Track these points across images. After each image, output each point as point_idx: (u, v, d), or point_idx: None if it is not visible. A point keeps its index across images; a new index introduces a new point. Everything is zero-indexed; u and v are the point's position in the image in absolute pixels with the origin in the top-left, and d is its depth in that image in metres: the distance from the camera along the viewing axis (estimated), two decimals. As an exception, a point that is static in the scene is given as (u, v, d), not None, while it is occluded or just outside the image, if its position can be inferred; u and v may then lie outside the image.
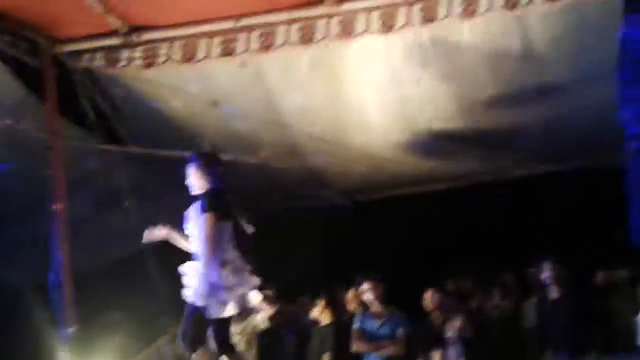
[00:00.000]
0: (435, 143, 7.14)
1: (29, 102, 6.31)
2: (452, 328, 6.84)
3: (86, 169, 6.96)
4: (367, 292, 6.92)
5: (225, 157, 6.84)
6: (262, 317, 7.17)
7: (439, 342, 6.90)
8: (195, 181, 5.15)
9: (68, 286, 5.92)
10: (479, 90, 6.42)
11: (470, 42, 5.98)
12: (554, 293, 6.75)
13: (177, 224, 5.22)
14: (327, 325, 7.12)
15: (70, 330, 5.83)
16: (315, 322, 7.24)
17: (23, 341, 7.01)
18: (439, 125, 6.87)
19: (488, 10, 5.67)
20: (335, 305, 7.34)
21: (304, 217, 8.71)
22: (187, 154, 6.50)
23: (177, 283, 5.05)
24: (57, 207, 6.02)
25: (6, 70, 6.02)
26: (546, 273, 6.75)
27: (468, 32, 5.88)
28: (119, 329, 7.28)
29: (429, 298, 7.10)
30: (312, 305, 7.32)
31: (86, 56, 6.27)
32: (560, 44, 5.96)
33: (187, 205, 6.98)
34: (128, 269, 7.62)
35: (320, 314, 7.19)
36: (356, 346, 6.83)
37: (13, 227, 6.74)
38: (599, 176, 7.37)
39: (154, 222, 5.30)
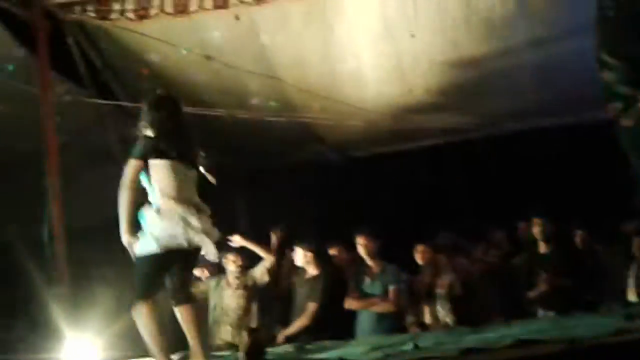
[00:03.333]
0: (429, 97, 7.13)
1: (20, 55, 6.26)
2: (442, 285, 6.87)
3: (77, 124, 6.91)
4: (361, 247, 6.93)
5: (218, 112, 6.94)
6: (260, 271, 7.18)
7: (429, 298, 6.93)
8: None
9: (60, 241, 5.91)
10: (472, 44, 6.39)
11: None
12: (543, 248, 6.80)
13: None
14: (315, 277, 7.15)
15: (61, 285, 5.83)
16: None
17: (15, 295, 7.02)
18: (433, 79, 6.86)
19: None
20: (325, 259, 7.36)
21: (297, 171, 8.72)
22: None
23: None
24: (49, 161, 5.99)
25: (-3, 23, 5.97)
26: (536, 228, 6.78)
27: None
28: (109, 287, 7.27)
29: (420, 253, 7.11)
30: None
31: (78, 8, 6.20)
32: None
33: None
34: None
35: (307, 264, 7.21)
36: (348, 303, 6.85)
37: (6, 182, 6.71)
38: (586, 131, 7.36)
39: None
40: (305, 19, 6.25)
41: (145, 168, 4.89)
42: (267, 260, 7.10)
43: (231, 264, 7.16)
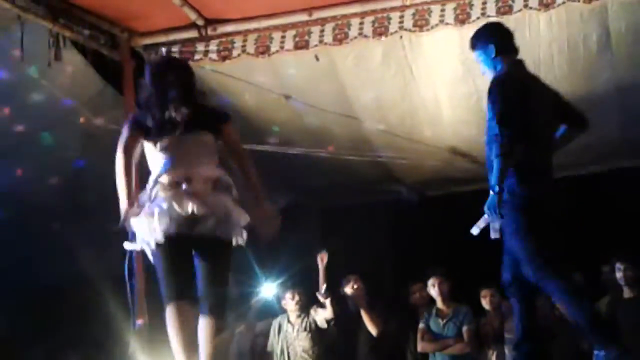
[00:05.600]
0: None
1: (107, 94, 6.45)
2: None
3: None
4: (434, 288, 6.91)
5: (296, 150, 7.00)
6: (320, 320, 7.14)
7: (497, 342, 6.82)
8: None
9: (140, 278, 5.99)
10: (554, 84, 6.30)
11: (546, 34, 5.89)
12: (627, 293, 6.61)
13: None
14: None
15: (141, 321, 5.90)
16: None
17: (95, 331, 7.13)
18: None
19: (565, 1, 5.57)
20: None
21: (373, 211, 8.71)
22: (257, 147, 6.64)
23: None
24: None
25: (86, 62, 6.16)
26: (619, 273, 6.62)
27: (544, 24, 5.80)
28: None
29: (486, 297, 7.01)
30: None
31: (163, 49, 6.33)
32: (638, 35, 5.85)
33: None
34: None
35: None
36: (421, 346, 6.82)
37: (90, 220, 6.87)
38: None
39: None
40: (383, 59, 6.27)
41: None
42: (329, 312, 7.06)
43: (290, 302, 7.16)
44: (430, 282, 6.95)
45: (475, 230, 4.61)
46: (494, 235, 4.54)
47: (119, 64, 6.31)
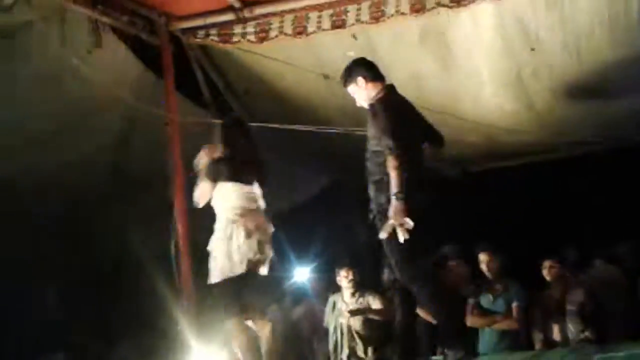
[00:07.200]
0: (551, 111, 6.97)
1: (147, 78, 6.52)
2: (573, 302, 6.66)
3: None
4: (484, 264, 6.88)
5: (335, 129, 6.99)
6: (375, 303, 7.12)
7: (559, 315, 6.76)
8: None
9: (186, 257, 6.08)
10: (596, 55, 6.21)
11: (587, 6, 5.80)
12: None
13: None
14: None
15: (188, 300, 5.98)
16: None
17: (144, 309, 7.26)
18: (555, 92, 6.69)
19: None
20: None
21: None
22: (297, 127, 6.66)
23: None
24: (176, 180, 6.19)
25: (126, 48, 6.22)
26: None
27: (585, -4, 5.72)
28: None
29: (548, 269, 6.96)
30: None
31: (201, 32, 6.39)
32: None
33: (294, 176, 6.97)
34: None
35: None
36: (471, 320, 6.78)
37: (135, 202, 6.97)
38: None
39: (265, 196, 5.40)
40: (421, 37, 6.22)
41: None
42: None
43: (344, 280, 7.16)
44: (481, 258, 6.92)
45: (382, 235, 4.78)
46: (382, 236, 4.78)
47: (158, 48, 6.36)
